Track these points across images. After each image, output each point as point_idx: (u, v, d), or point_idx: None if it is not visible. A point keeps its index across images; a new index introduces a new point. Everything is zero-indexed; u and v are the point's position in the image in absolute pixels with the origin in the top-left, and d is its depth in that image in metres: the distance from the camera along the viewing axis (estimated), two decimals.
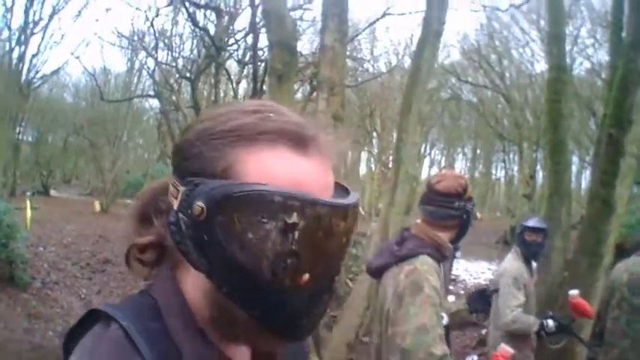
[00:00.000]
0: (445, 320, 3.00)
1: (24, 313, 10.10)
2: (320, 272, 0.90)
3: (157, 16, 18.84)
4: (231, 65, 21.23)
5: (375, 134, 34.45)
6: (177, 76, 20.25)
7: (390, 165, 16.21)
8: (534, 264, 5.66)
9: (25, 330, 9.47)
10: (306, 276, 0.88)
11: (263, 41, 15.74)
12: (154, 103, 27.48)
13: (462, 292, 15.60)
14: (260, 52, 16.67)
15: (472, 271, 20.15)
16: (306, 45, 20.13)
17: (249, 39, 17.73)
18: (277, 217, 0.84)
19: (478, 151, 51.37)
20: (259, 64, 16.69)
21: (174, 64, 20.05)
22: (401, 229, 3.48)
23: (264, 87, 14.90)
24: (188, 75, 18.84)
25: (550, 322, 4.99)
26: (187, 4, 16.96)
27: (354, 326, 7.14)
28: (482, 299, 5.92)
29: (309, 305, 0.92)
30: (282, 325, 0.91)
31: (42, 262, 12.85)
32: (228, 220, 0.85)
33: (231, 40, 19.08)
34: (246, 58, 19.20)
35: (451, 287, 15.03)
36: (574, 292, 5.32)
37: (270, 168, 0.89)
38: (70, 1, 25.03)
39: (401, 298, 2.87)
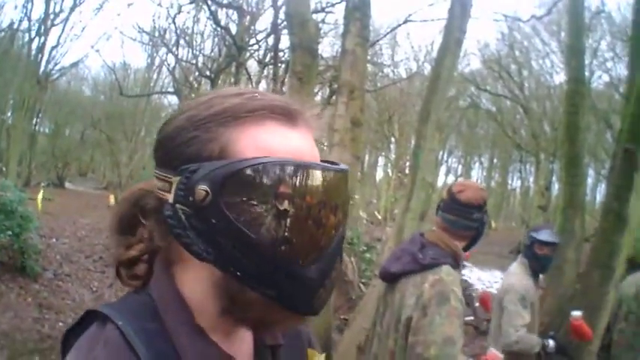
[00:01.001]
0: None
1: (34, 303, 10.08)
2: (329, 239, 0.91)
3: (178, 13, 19.03)
4: (252, 65, 21.35)
5: (392, 140, 34.49)
6: (197, 74, 20.39)
7: (407, 171, 16.15)
8: (541, 276, 5.40)
9: (34, 320, 9.47)
10: (320, 242, 0.90)
11: (284, 42, 15.87)
12: (173, 99, 27.50)
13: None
14: (281, 54, 16.76)
15: (485, 280, 20.14)
16: (327, 48, 20.20)
17: (271, 40, 17.82)
18: (286, 188, 0.86)
19: (495, 161, 51.17)
20: (280, 65, 16.77)
21: (194, 62, 20.17)
22: (415, 234, 3.44)
23: (284, 88, 14.95)
24: (208, 73, 18.94)
25: (551, 343, 4.79)
26: (209, 2, 17.05)
27: (365, 329, 7.11)
28: None
29: (323, 275, 0.91)
30: (300, 300, 0.91)
31: (54, 253, 12.83)
32: (236, 198, 0.85)
33: (252, 40, 19.16)
34: (267, 59, 19.26)
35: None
36: (577, 313, 5.07)
37: (265, 143, 0.90)
38: None
39: (425, 308, 2.83)
